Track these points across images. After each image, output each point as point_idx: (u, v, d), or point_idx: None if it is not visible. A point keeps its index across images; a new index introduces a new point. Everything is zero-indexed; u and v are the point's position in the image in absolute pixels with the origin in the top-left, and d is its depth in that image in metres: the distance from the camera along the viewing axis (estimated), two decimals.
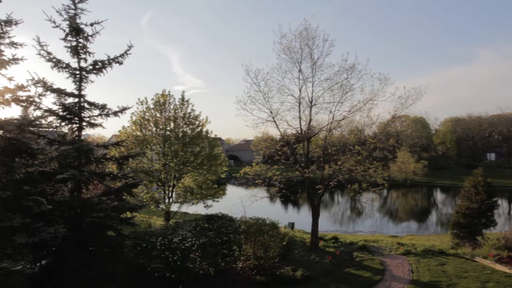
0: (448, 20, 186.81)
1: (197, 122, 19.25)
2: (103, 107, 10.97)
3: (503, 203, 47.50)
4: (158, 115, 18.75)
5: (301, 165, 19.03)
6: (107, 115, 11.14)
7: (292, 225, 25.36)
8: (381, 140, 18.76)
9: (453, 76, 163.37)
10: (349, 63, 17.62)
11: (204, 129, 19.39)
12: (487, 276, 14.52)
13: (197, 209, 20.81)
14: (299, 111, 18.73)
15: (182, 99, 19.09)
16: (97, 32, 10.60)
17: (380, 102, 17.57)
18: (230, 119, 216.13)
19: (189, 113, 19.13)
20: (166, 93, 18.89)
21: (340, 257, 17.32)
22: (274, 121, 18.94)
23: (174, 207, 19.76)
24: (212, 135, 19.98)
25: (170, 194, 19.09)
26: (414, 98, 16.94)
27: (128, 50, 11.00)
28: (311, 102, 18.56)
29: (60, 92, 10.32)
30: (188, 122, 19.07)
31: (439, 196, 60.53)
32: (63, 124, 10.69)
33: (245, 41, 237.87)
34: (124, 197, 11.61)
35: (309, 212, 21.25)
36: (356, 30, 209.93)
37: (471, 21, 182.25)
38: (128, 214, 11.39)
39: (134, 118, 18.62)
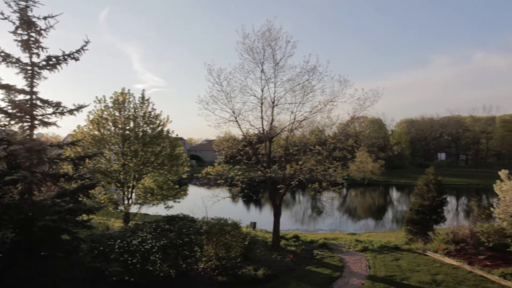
0: (405, 25, 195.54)
1: (158, 122, 18.84)
2: (57, 105, 10.46)
3: (451, 200, 50.44)
4: (117, 114, 18.16)
5: (263, 165, 19.18)
6: (62, 113, 10.63)
7: (254, 225, 25.47)
8: (341, 140, 19.29)
9: (408, 79, 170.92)
10: (311, 64, 18.00)
11: (165, 129, 19.01)
12: (437, 269, 15.38)
13: (157, 210, 20.36)
14: (261, 111, 18.89)
15: (143, 97, 18.61)
16: (51, 26, 10.08)
17: (340, 103, 18.10)
18: (192, 119, 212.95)
19: (150, 112, 18.69)
20: (126, 91, 18.34)
21: (301, 255, 17.63)
22: (237, 121, 18.98)
23: (133, 209, 19.23)
24: (174, 135, 19.65)
25: (129, 195, 18.54)
26: (372, 100, 17.58)
27: (84, 46, 10.55)
28: (273, 103, 18.75)
29: (9, 88, 9.73)
30: (148, 122, 18.62)
31: (394, 194, 63.15)
32: (12, 122, 10.08)
33: (208, 40, 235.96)
34: (80, 199, 11.15)
35: (271, 211, 21.45)
36: (317, 32, 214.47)
37: (426, 27, 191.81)
38: (85, 217, 10.94)
39: (91, 117, 17.91)
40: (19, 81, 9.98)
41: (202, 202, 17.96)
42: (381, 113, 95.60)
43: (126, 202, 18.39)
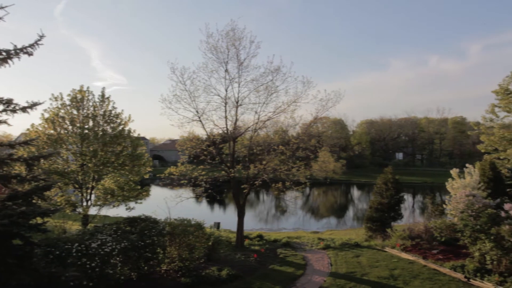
0: (366, 28, 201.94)
1: (119, 121, 18.30)
2: (8, 101, 9.89)
3: (408, 198, 52.70)
4: (75, 112, 17.45)
5: (227, 165, 19.14)
6: (14, 111, 10.07)
7: (218, 225, 25.36)
8: (304, 140, 19.62)
9: (369, 81, 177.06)
10: (275, 65, 18.18)
11: (127, 128, 18.50)
12: (395, 264, 16.03)
13: (118, 211, 19.77)
14: (225, 111, 18.85)
15: (102, 95, 18.01)
16: (0, 18, 9.52)
17: (303, 104, 18.41)
18: (155, 118, 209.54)
19: (110, 110, 18.12)
20: (85, 89, 17.67)
21: (265, 254, 17.76)
22: (200, 121, 18.82)
23: (93, 210, 18.56)
24: (135, 134, 19.17)
25: (88, 197, 17.88)
26: (334, 101, 18.03)
27: (39, 40, 10.04)
28: (237, 102, 18.76)
29: None
30: (108, 120, 18.03)
31: (355, 193, 65.08)
32: None
33: (171, 38, 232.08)
34: (34, 201, 10.61)
35: (235, 211, 21.45)
36: (281, 33, 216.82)
37: (386, 31, 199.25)
38: (39, 220, 10.41)
39: (46, 115, 17.09)
40: None
41: (165, 203, 17.64)
42: (343, 114, 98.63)
43: (84, 203, 17.72)
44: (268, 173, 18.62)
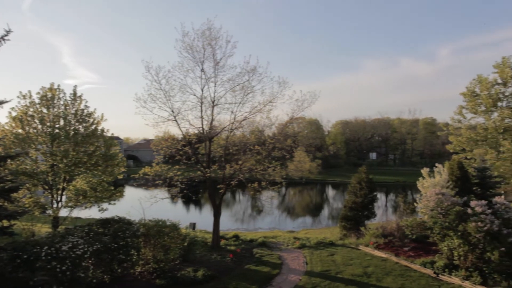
0: (340, 30, 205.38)
1: (92, 120, 17.83)
2: None
3: (381, 197, 53.98)
4: (44, 111, 16.86)
5: (203, 165, 19.01)
6: None
7: (193, 226, 25.17)
8: (280, 140, 19.74)
9: (344, 82, 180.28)
10: (251, 65, 18.18)
11: (100, 127, 18.04)
12: (368, 261, 16.39)
13: (91, 213, 19.28)
14: (201, 111, 18.72)
15: (74, 94, 17.49)
16: None
17: (279, 104, 18.50)
18: (130, 118, 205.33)
19: (82, 109, 17.62)
20: (55, 86, 17.11)
21: (241, 254, 17.76)
22: (176, 120, 18.60)
23: (63, 212, 18.00)
24: (109, 134, 18.72)
25: (59, 198, 17.32)
26: (309, 101, 18.20)
27: (5, 35, 9.68)
28: (213, 102, 18.67)
29: None
30: (81, 120, 17.53)
31: (330, 192, 66.02)
32: None
33: (147, 37, 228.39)
34: (0, 203, 10.20)
35: (211, 211, 21.33)
36: (258, 34, 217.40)
37: (359, 33, 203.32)
38: (5, 223, 10.02)
39: (14, 113, 16.44)
40: None
41: (140, 204, 17.37)
42: (318, 114, 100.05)
43: (55, 205, 17.16)
44: (244, 173, 18.62)
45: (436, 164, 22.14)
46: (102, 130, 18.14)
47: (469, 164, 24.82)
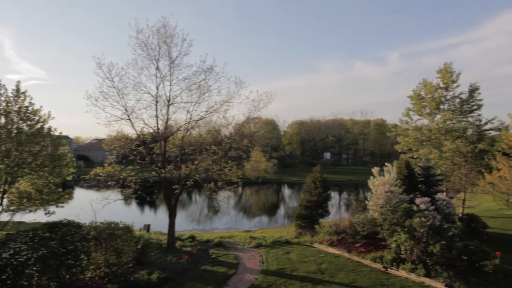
0: (297, 31, 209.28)
1: (37, 118, 16.78)
2: None
3: (335, 195, 55.77)
4: None
5: (158, 165, 18.59)
6: None
7: (148, 227, 24.58)
8: (236, 140, 19.77)
9: (298, 83, 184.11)
10: (207, 64, 18.02)
11: (46, 126, 17.02)
12: (322, 258, 16.86)
13: (36, 217, 18.16)
14: (156, 110, 18.29)
15: (17, 90, 16.37)
16: None
17: (236, 104, 18.49)
18: (80, 116, 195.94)
19: (27, 106, 16.54)
20: None
21: (197, 255, 17.59)
22: (129, 119, 18.02)
23: (4, 217, 16.81)
24: (57, 133, 17.71)
25: None
26: (266, 101, 18.34)
27: None
28: (168, 101, 18.30)
29: None
30: (25, 118, 16.44)
31: (286, 191, 67.08)
32: None
33: (99, 32, 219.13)
34: None
35: (166, 212, 20.91)
36: (216, 33, 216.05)
37: (316, 35, 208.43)
38: None
39: None
40: None
41: (90, 206, 16.63)
42: (275, 114, 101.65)
43: None
44: (200, 173, 18.44)
45: (386, 164, 23.22)
46: (49, 129, 17.14)
47: (416, 163, 26.33)
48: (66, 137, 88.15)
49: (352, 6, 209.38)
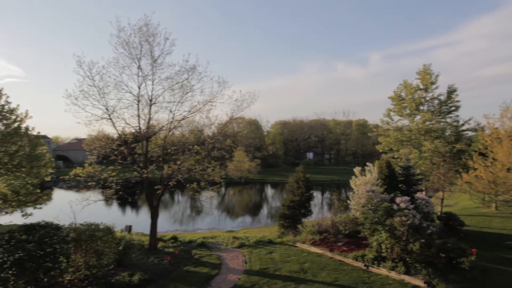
0: (281, 32, 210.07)
1: (14, 117, 16.34)
2: None
3: (317, 195, 56.26)
4: None
5: (140, 165, 18.35)
6: None
7: (129, 228, 24.26)
8: (219, 140, 19.65)
9: (282, 83, 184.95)
10: (190, 64, 17.88)
11: (24, 125, 16.60)
12: (305, 258, 16.98)
13: (12, 218, 17.70)
14: (138, 109, 18.03)
15: None
16: None
17: (219, 104, 18.39)
18: (60, 116, 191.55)
19: (3, 105, 16.10)
20: None
21: (180, 256, 17.45)
22: (111, 119, 17.72)
23: None
24: (35, 132, 17.30)
25: None
26: (249, 101, 18.30)
27: None
28: (150, 101, 18.08)
29: None
30: (1, 117, 16.00)
31: (269, 191, 67.22)
32: None
33: (78, 30, 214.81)
34: None
35: (148, 213, 20.66)
36: (198, 33, 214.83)
37: (299, 36, 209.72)
38: None
39: None
40: None
41: (70, 207, 16.26)
42: (258, 114, 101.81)
43: None
44: (182, 173, 18.27)
45: (367, 163, 23.57)
46: (27, 128, 16.73)
47: (396, 163, 26.81)
48: (45, 137, 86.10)
49: (335, 7, 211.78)
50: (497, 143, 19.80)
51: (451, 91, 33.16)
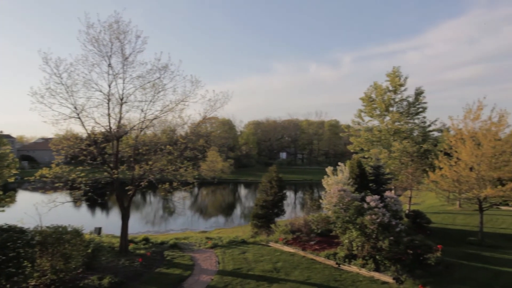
0: (253, 33, 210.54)
1: None
2: None
3: (290, 195, 56.78)
4: None
5: (110, 166, 17.89)
6: None
7: (99, 230, 23.63)
8: (192, 140, 19.46)
9: (255, 83, 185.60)
10: (162, 62, 17.58)
11: None
12: (278, 257, 17.10)
13: None
14: (108, 108, 17.56)
15: None
16: None
17: (192, 104, 18.19)
18: (25, 114, 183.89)
19: None
20: None
21: (151, 258, 17.17)
22: (79, 118, 17.16)
23: None
24: None
25: None
26: (222, 101, 18.21)
27: None
28: (121, 100, 17.67)
29: None
30: None
31: (243, 191, 67.30)
32: None
33: (45, 25, 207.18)
34: None
35: (118, 215, 20.19)
36: (170, 32, 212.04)
37: (271, 35, 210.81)
38: None
39: None
40: None
41: (36, 209, 15.63)
42: (231, 114, 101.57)
43: None
44: (154, 173, 17.97)
45: (339, 163, 23.99)
46: None
47: (367, 163, 27.47)
48: (8, 136, 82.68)
49: (307, 8, 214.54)
50: (461, 143, 20.61)
51: (418, 93, 34.33)
